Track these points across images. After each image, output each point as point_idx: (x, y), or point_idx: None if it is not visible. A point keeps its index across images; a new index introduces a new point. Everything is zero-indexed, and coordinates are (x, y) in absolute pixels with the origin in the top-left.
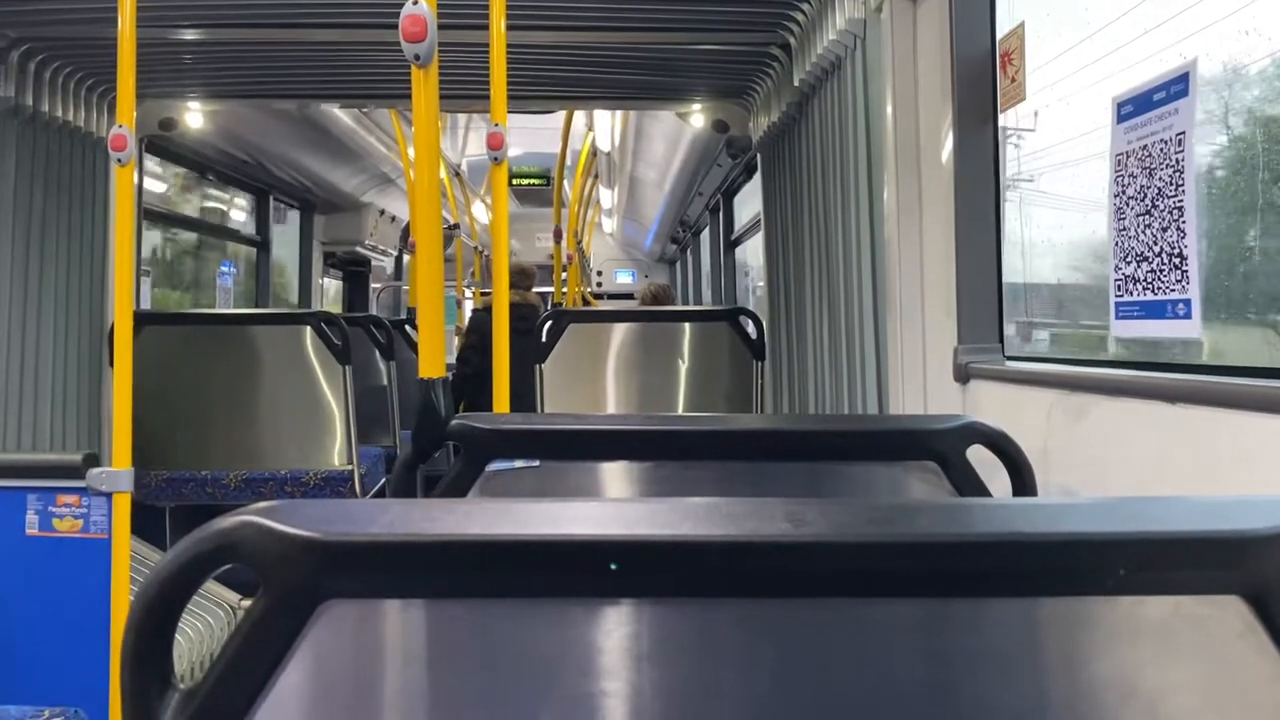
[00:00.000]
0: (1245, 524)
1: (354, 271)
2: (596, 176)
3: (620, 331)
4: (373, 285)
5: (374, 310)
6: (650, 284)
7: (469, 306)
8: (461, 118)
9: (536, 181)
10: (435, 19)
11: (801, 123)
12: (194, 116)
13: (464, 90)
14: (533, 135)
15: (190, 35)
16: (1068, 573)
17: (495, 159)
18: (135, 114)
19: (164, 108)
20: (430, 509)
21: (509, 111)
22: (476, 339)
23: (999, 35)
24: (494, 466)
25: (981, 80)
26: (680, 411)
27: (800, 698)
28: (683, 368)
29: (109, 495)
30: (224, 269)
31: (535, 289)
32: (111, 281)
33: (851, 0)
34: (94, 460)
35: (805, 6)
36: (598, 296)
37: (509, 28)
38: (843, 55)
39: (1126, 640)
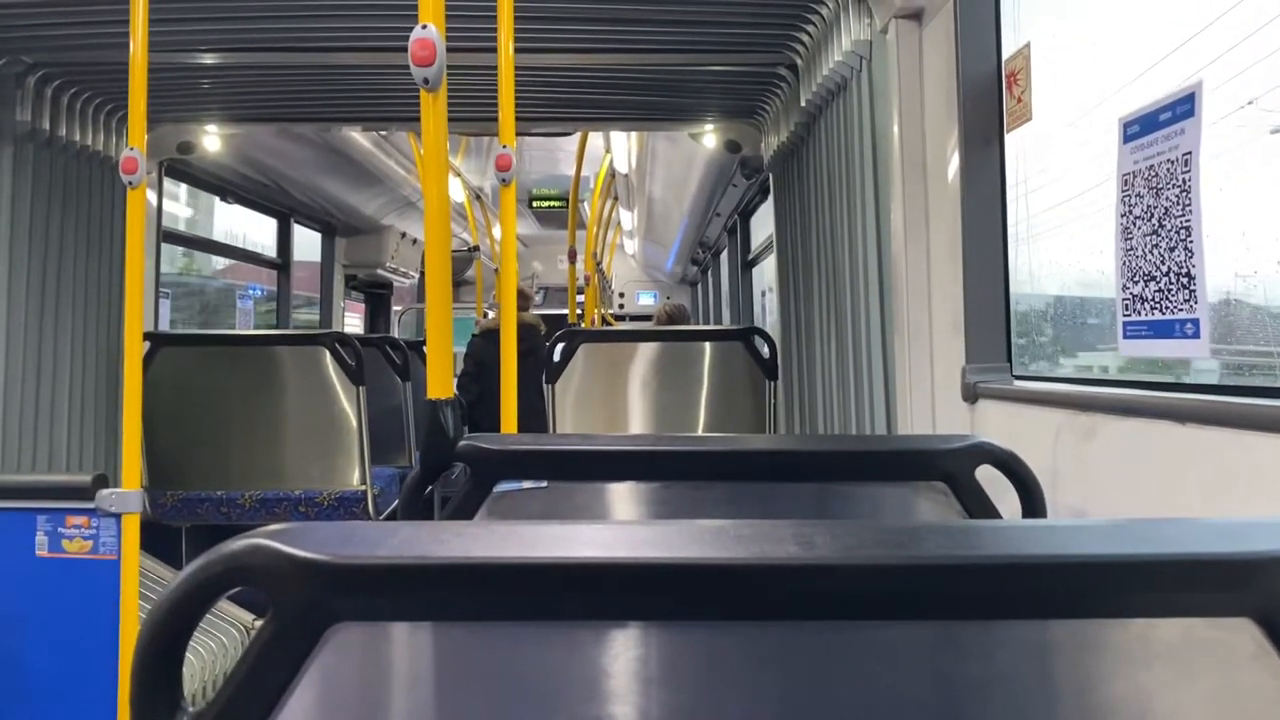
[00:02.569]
0: (1256, 545)
1: (375, 294)
2: (616, 198)
3: (632, 351)
4: (394, 308)
5: (395, 332)
6: (666, 304)
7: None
8: (486, 140)
9: (557, 204)
10: (444, 43)
11: (810, 142)
12: (212, 140)
13: (475, 113)
14: (554, 158)
15: (207, 60)
16: (1078, 595)
17: (503, 180)
18: (152, 138)
19: (182, 131)
20: (438, 531)
21: (520, 134)
22: (473, 366)
23: (1005, 56)
24: (501, 487)
25: (987, 100)
26: (693, 432)
27: None
28: (695, 388)
29: (118, 516)
30: (247, 290)
31: (553, 311)
32: None
33: (857, 21)
34: (103, 481)
35: (810, 28)
36: (619, 318)
37: (518, 50)
38: (849, 75)
39: (1137, 663)
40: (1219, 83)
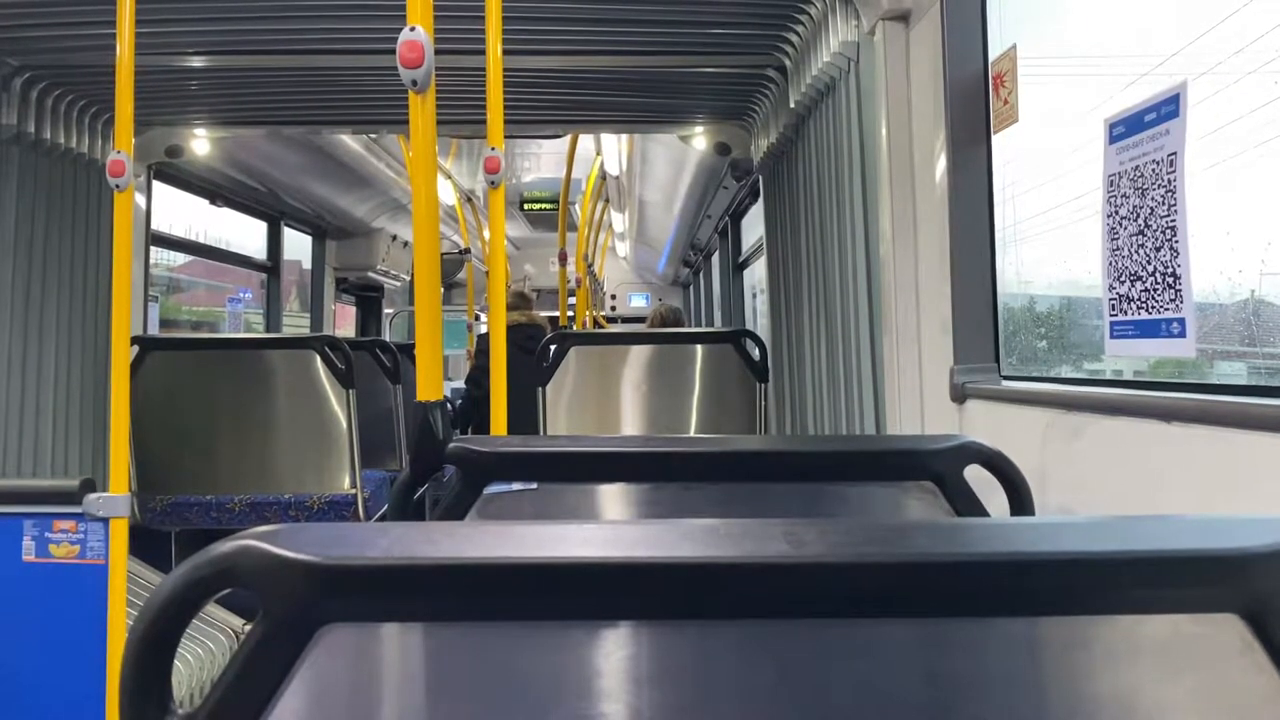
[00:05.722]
0: (1242, 542)
1: (366, 297)
2: (607, 200)
3: (623, 354)
4: (385, 311)
5: (386, 335)
6: (661, 306)
7: (480, 330)
8: (478, 143)
9: (549, 206)
10: (432, 45)
11: (798, 144)
12: (200, 144)
13: (464, 115)
14: (546, 160)
15: (195, 63)
16: (1066, 592)
17: (492, 183)
18: (140, 141)
19: (170, 135)
20: (429, 532)
21: (509, 136)
22: (486, 361)
23: (992, 57)
24: (491, 489)
25: (974, 102)
26: (684, 434)
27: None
28: (687, 390)
29: (106, 521)
30: (239, 294)
31: (544, 313)
32: None
33: (844, 23)
34: (90, 486)
35: (799, 29)
36: (611, 320)
37: (506, 52)
38: (837, 77)
39: (1125, 659)
40: None
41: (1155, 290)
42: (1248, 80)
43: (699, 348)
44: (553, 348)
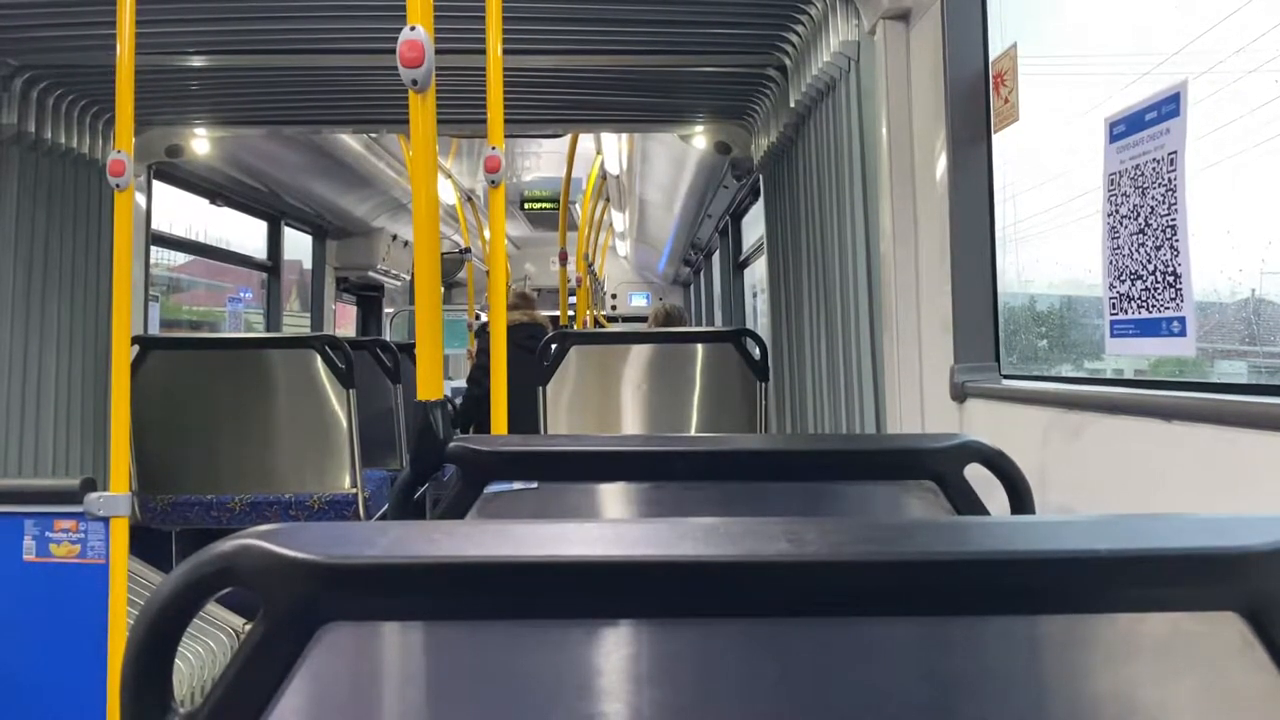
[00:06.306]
0: (1242, 540)
1: (366, 296)
2: (607, 200)
3: (624, 353)
4: (385, 311)
5: (387, 335)
6: (664, 304)
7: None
8: (479, 142)
9: (549, 205)
10: (432, 44)
11: (799, 143)
12: (200, 143)
13: (464, 114)
14: (546, 159)
15: (195, 63)
16: (1065, 590)
17: (493, 182)
18: (140, 141)
19: (170, 134)
20: (430, 531)
21: (510, 136)
22: (487, 360)
23: (992, 56)
24: (492, 488)
25: (975, 101)
26: (685, 433)
27: (801, 718)
28: (687, 389)
29: (107, 520)
30: (240, 294)
31: (545, 312)
32: None
33: (844, 22)
34: (91, 485)
35: (799, 29)
36: (612, 319)
37: (506, 52)
38: (837, 76)
39: (1125, 657)
40: None
41: (1156, 289)
42: (1248, 80)
43: (699, 347)
44: (553, 347)
